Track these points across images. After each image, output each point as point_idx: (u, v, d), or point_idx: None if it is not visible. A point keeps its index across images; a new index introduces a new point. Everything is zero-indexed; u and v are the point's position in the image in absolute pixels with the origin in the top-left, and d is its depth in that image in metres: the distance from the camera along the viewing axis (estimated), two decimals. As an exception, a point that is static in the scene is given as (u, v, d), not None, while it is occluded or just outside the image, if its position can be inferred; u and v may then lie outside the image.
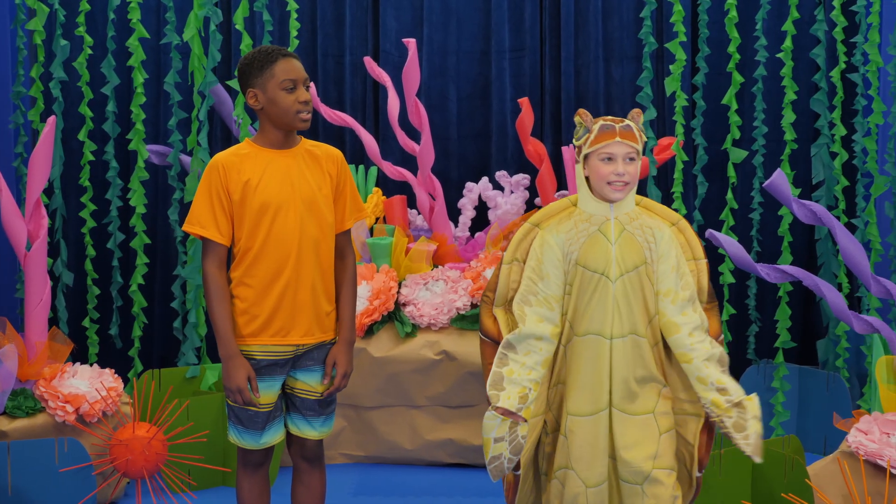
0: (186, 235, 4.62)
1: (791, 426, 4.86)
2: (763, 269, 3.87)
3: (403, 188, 5.24)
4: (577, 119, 2.87)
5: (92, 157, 4.73)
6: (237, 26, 4.40)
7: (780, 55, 4.72)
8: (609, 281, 2.82)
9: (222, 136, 5.39)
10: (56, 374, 3.96)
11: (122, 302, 4.90)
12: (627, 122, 2.84)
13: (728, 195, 4.74)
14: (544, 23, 5.46)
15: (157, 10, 5.30)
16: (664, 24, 5.31)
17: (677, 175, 4.65)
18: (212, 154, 4.53)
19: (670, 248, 2.87)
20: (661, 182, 5.24)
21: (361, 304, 4.54)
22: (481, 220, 5.24)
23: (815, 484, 3.42)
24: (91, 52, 4.69)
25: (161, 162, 4.97)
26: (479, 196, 5.15)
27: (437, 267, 4.80)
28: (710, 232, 3.81)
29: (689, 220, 5.04)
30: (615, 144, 2.80)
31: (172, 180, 4.68)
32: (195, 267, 4.37)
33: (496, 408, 2.78)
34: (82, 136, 4.68)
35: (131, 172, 4.95)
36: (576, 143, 2.89)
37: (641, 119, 2.89)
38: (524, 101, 4.89)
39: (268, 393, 2.95)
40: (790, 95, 4.68)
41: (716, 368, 2.82)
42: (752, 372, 4.95)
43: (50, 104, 4.77)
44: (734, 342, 5.09)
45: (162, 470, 3.94)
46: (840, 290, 4.74)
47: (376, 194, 5.00)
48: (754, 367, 4.96)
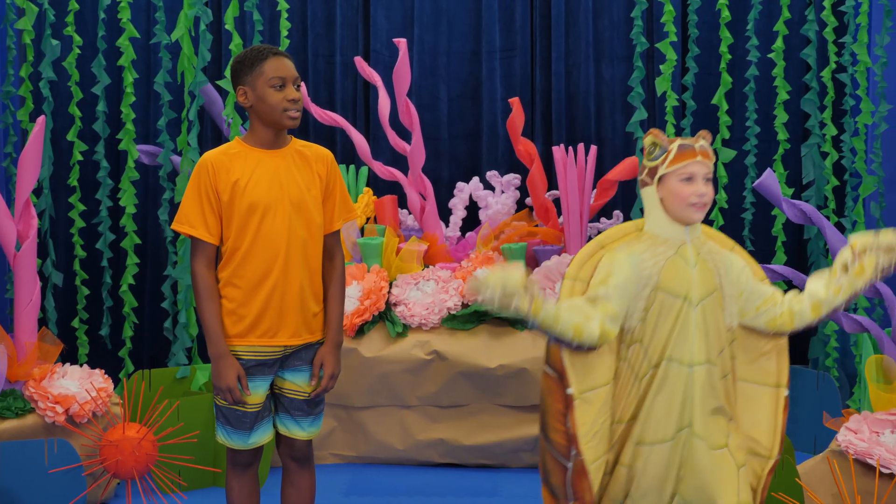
0: (177, 236, 4.61)
1: (781, 425, 4.86)
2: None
3: (394, 188, 5.24)
4: (651, 139, 2.76)
5: (81, 158, 4.72)
6: (227, 26, 4.40)
7: (771, 55, 4.74)
8: (691, 305, 2.70)
9: (212, 136, 5.38)
10: (46, 374, 3.95)
11: (112, 302, 4.89)
12: (702, 141, 2.75)
13: (718, 195, 4.75)
14: (535, 23, 5.47)
15: (147, 9, 5.29)
16: (655, 24, 5.32)
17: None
18: (201, 154, 4.52)
19: (741, 273, 2.79)
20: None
21: (352, 304, 4.53)
22: (472, 220, 5.24)
23: (805, 483, 3.43)
24: (80, 51, 4.68)
25: (151, 162, 4.96)
26: (470, 196, 5.16)
27: (427, 267, 4.79)
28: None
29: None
30: (695, 164, 2.70)
31: (163, 180, 4.67)
32: (185, 267, 4.37)
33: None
34: (71, 136, 4.67)
35: (121, 172, 4.95)
36: (648, 163, 2.77)
37: (710, 139, 2.81)
38: (515, 101, 4.90)
39: (256, 393, 2.95)
40: (782, 95, 4.69)
41: (819, 282, 2.77)
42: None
43: (39, 104, 4.76)
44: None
45: (152, 470, 3.92)
46: (830, 289, 4.74)
47: (367, 194, 5.00)
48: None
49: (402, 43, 4.72)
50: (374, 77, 4.93)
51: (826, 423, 3.64)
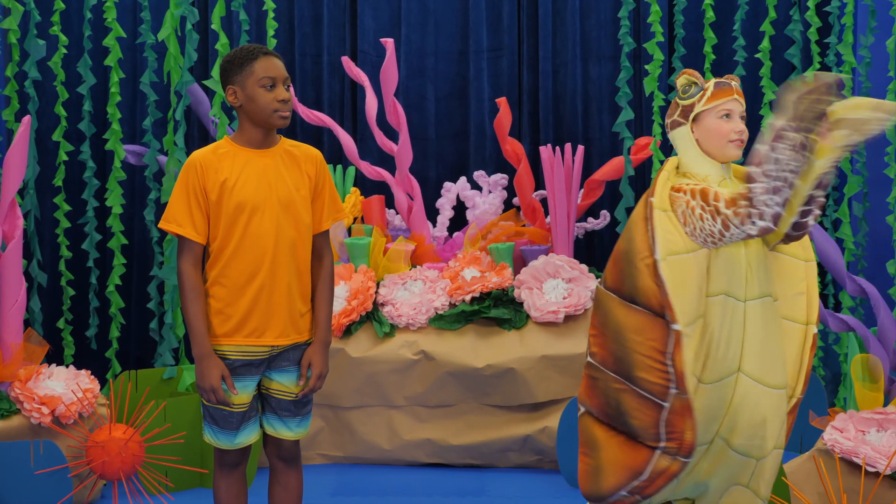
0: (163, 236, 4.60)
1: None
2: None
3: (381, 188, 5.24)
4: (686, 78, 2.78)
5: (66, 158, 4.70)
6: (214, 26, 4.39)
7: (758, 55, 4.75)
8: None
9: (199, 136, 5.37)
10: (32, 375, 3.93)
11: (98, 303, 4.87)
12: (734, 82, 2.78)
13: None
14: (522, 23, 5.48)
15: (134, 9, 5.27)
16: (642, 24, 5.33)
17: (654, 175, 4.66)
18: (188, 154, 4.51)
19: None
20: (638, 182, 5.26)
21: (339, 304, 4.53)
22: (459, 220, 5.24)
23: (792, 482, 3.44)
24: (66, 51, 4.66)
25: (138, 162, 4.94)
26: (458, 196, 5.16)
27: (415, 267, 4.79)
28: None
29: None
30: (733, 101, 2.74)
31: (149, 181, 4.65)
32: (172, 267, 4.35)
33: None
34: (57, 136, 4.65)
35: (108, 173, 4.93)
36: (682, 102, 2.78)
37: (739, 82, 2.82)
38: (502, 101, 4.90)
39: (242, 393, 2.95)
40: (769, 95, 4.71)
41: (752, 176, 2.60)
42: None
43: (25, 104, 4.73)
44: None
45: (139, 471, 3.92)
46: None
47: (354, 194, 5.00)
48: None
49: (389, 43, 4.72)
50: (362, 77, 4.93)
51: (812, 421, 3.66)
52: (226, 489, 3.04)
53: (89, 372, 4.09)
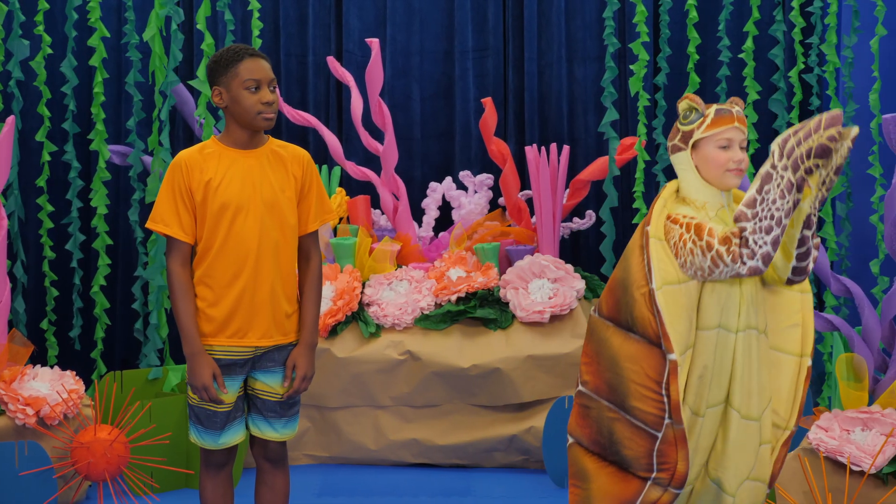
0: (147, 237, 4.59)
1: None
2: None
3: (367, 188, 5.23)
4: (687, 103, 2.74)
5: (50, 158, 4.67)
6: (199, 26, 4.37)
7: (741, 55, 4.77)
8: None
9: (184, 136, 5.35)
10: (16, 376, 3.91)
11: (82, 304, 4.84)
12: (738, 107, 2.74)
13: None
14: (507, 23, 5.48)
15: (118, 8, 5.25)
16: (627, 24, 5.34)
17: (639, 175, 4.68)
18: (173, 154, 4.50)
19: None
20: (623, 182, 5.27)
21: (325, 305, 4.52)
22: (445, 220, 5.24)
23: (777, 481, 3.45)
24: (51, 51, 4.64)
25: (122, 162, 4.92)
26: (443, 196, 5.16)
27: (400, 267, 4.79)
28: None
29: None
30: (733, 130, 2.69)
31: (133, 181, 4.63)
32: (156, 268, 4.34)
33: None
34: (41, 136, 4.62)
35: (92, 173, 4.90)
36: (683, 127, 2.74)
37: (743, 106, 2.79)
38: (487, 101, 4.90)
39: (227, 393, 2.94)
40: (752, 95, 4.73)
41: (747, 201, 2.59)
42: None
43: (8, 104, 4.71)
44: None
45: (124, 472, 3.90)
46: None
47: (340, 194, 4.99)
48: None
49: (374, 43, 4.72)
50: (347, 77, 4.92)
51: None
52: (212, 489, 3.04)
53: (74, 373, 4.08)
